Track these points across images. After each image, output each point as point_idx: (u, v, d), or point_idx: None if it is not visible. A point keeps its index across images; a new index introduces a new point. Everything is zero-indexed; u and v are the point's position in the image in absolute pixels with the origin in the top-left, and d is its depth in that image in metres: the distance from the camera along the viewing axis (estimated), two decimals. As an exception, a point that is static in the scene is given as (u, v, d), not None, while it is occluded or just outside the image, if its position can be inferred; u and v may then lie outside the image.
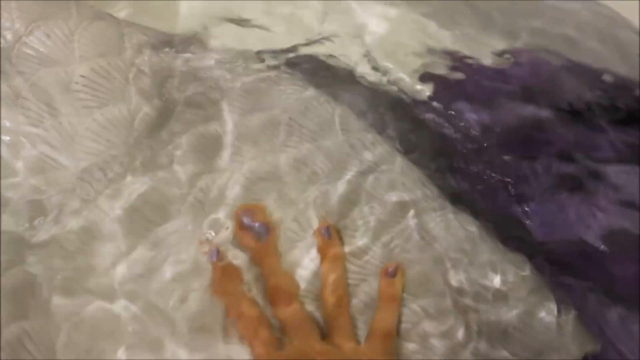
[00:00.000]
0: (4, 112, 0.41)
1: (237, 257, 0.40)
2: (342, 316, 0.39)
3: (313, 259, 0.40)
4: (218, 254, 0.39)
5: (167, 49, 0.45)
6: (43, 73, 0.41)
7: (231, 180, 0.42)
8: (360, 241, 0.41)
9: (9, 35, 0.42)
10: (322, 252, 0.40)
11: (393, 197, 0.43)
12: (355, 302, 0.40)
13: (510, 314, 0.41)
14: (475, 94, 0.48)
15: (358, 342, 0.39)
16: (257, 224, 0.40)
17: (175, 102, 0.43)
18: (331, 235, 0.40)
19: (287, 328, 0.38)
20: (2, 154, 0.41)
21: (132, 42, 0.44)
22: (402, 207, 0.43)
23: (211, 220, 0.41)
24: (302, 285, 0.40)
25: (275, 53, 0.48)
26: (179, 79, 0.44)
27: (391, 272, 0.40)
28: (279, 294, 0.39)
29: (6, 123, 0.41)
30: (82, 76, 0.41)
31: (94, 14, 0.44)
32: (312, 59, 0.48)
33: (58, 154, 0.41)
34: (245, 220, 0.40)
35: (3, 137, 0.41)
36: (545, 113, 0.48)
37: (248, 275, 0.40)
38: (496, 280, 0.42)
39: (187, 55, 0.45)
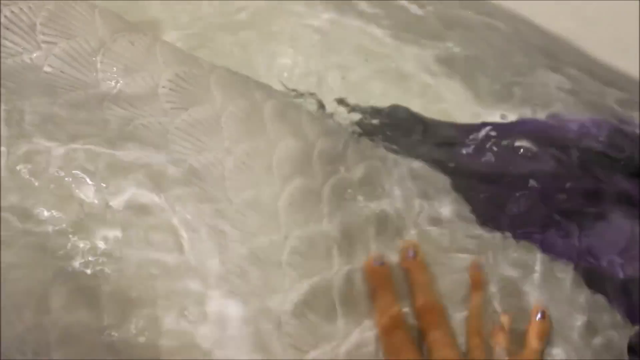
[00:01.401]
0: (90, 115, 0.41)
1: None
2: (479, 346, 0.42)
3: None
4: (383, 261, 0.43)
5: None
6: (129, 79, 0.42)
7: None
8: None
9: (92, 42, 0.42)
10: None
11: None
12: None
13: None
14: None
15: None
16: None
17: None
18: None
19: (431, 344, 0.41)
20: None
21: (205, 59, 0.45)
22: None
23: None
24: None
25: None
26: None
27: (542, 315, 0.43)
28: (427, 310, 0.42)
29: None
30: (169, 80, 0.42)
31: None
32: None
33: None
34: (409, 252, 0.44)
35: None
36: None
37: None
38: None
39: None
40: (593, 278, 0.45)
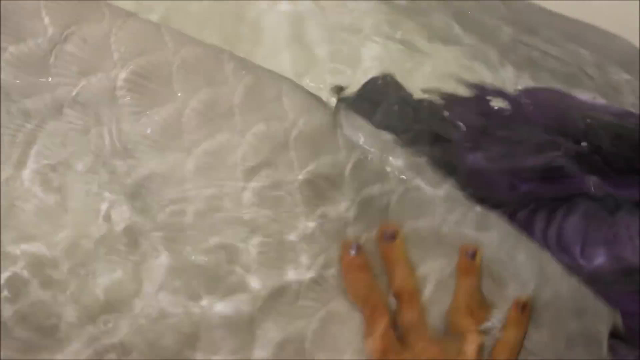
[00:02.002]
0: (48, 125, 0.40)
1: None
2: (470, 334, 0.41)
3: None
4: (358, 248, 0.41)
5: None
6: (85, 82, 0.40)
7: None
8: None
9: (44, 44, 0.40)
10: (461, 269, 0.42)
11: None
12: None
13: None
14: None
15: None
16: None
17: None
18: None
19: (407, 327, 0.41)
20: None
21: (172, 36, 0.42)
22: None
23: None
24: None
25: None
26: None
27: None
28: (404, 292, 0.41)
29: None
30: (126, 80, 0.40)
31: (127, 12, 0.42)
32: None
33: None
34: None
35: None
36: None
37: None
38: None
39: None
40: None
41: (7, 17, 0.40)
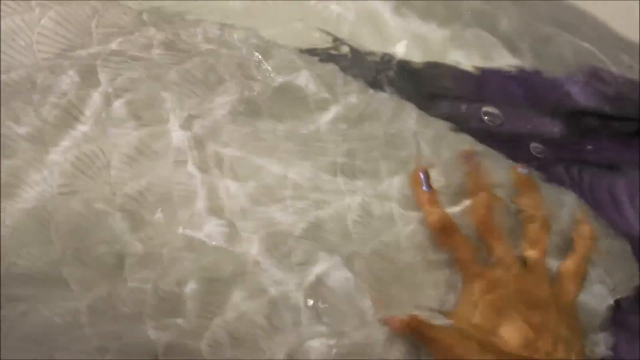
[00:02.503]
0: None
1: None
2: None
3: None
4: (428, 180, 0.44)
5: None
6: (123, 39, 0.44)
7: None
8: None
9: (87, 8, 0.45)
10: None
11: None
12: None
13: None
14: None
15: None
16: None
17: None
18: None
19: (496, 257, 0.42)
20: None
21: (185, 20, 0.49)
22: None
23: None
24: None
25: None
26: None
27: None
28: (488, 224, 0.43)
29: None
30: (162, 42, 0.45)
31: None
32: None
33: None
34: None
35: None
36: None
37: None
38: None
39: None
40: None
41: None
